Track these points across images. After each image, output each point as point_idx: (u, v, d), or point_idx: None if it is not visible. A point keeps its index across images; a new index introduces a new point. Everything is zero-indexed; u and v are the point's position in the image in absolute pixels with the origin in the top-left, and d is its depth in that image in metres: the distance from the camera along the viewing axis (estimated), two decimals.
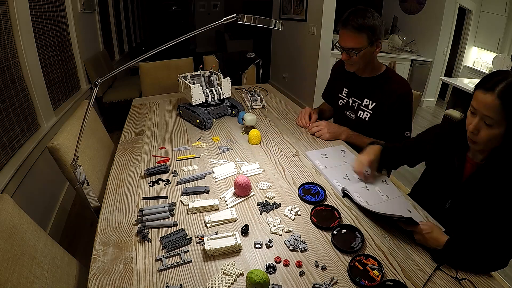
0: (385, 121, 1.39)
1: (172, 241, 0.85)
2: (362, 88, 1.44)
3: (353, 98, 1.48)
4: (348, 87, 1.51)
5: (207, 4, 8.69)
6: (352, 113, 1.48)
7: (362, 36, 1.25)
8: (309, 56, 3.73)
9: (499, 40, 3.99)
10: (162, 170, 1.17)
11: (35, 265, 0.79)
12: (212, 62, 2.67)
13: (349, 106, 1.50)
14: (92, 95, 0.95)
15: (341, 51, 1.33)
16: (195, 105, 1.60)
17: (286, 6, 4.15)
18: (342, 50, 1.32)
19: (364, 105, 1.43)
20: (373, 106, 1.40)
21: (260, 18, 1.03)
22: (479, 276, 0.77)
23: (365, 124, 1.43)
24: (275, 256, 0.80)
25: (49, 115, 2.11)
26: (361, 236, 0.87)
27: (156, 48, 0.96)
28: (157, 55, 1.10)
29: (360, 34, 1.25)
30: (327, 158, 1.27)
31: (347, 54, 1.31)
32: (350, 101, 1.49)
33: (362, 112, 1.44)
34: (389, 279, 0.75)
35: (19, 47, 1.79)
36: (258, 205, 1.00)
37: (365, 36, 1.26)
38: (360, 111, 1.45)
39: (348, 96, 1.51)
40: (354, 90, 1.48)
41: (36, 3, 2.10)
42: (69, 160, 1.03)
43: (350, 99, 1.49)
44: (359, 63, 1.34)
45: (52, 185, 2.03)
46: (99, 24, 3.70)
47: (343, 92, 1.53)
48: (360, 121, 1.45)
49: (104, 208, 0.99)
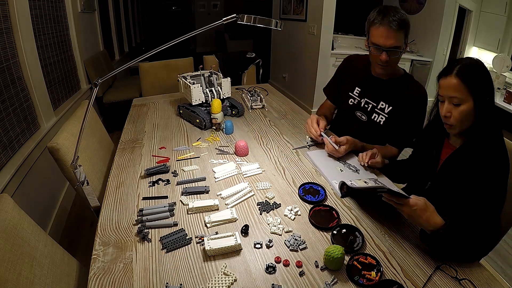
0: (399, 126, 1.34)
1: (172, 241, 0.85)
2: (379, 90, 1.36)
3: (366, 99, 1.40)
4: (362, 87, 1.42)
5: (207, 4, 8.69)
6: (364, 115, 1.41)
7: (402, 34, 1.18)
8: (309, 56, 3.73)
9: (499, 40, 3.98)
10: (162, 170, 1.17)
11: (35, 265, 0.79)
12: (212, 62, 2.67)
13: (361, 107, 1.42)
14: (92, 95, 0.95)
15: (378, 52, 1.22)
16: (195, 105, 1.60)
17: (286, 6, 4.15)
18: (381, 50, 1.21)
19: (380, 108, 1.36)
20: (389, 110, 1.34)
21: (260, 18, 1.03)
22: (479, 276, 0.77)
23: (379, 128, 1.38)
24: (275, 256, 0.80)
25: (49, 115, 2.11)
26: (361, 236, 0.87)
27: (156, 48, 0.96)
28: (157, 55, 1.10)
29: (401, 31, 1.18)
30: (328, 159, 1.27)
31: (388, 55, 1.21)
32: (362, 101, 1.41)
33: (377, 115, 1.38)
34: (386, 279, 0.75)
35: (19, 47, 1.79)
36: (258, 205, 1.00)
37: (403, 34, 1.19)
38: (375, 114, 1.38)
39: (360, 97, 1.42)
40: (369, 91, 1.40)
41: (36, 3, 2.10)
42: (69, 160, 1.03)
43: (362, 100, 1.41)
44: (395, 64, 1.26)
45: (52, 185, 2.03)
46: (99, 24, 3.70)
47: (355, 91, 1.44)
48: (373, 124, 1.39)
49: (104, 208, 0.99)
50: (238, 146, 1.28)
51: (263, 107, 1.84)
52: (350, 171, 1.19)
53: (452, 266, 0.79)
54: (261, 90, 2.13)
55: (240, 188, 1.07)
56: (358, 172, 1.19)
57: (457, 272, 0.77)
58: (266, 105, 1.86)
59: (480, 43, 4.34)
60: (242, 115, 1.73)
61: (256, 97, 1.89)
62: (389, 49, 1.20)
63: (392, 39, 1.18)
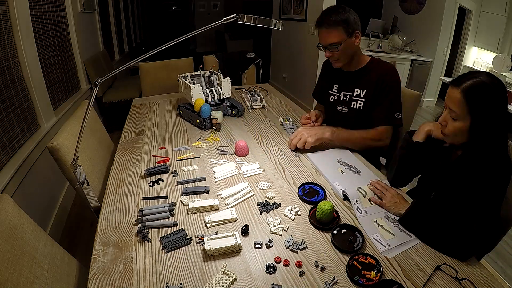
0: (378, 104, 1.39)
1: (172, 241, 0.85)
2: (351, 81, 1.46)
3: (343, 92, 1.50)
4: (338, 83, 1.53)
5: (207, 4, 8.68)
6: (344, 107, 1.50)
7: (338, 30, 1.29)
8: (309, 56, 3.73)
9: (499, 40, 3.99)
10: (162, 170, 1.17)
11: (35, 265, 0.79)
12: (212, 62, 2.67)
13: (341, 100, 1.51)
14: (92, 95, 0.95)
15: (324, 51, 1.37)
16: None
17: (286, 6, 4.15)
18: (324, 49, 1.36)
19: (356, 95, 1.45)
20: (365, 93, 1.42)
21: (260, 18, 1.03)
22: (479, 276, 0.77)
23: (360, 113, 1.44)
24: (275, 256, 0.80)
25: (49, 115, 2.11)
26: (361, 236, 0.87)
27: (156, 48, 0.96)
28: (157, 55, 1.10)
29: (336, 29, 1.29)
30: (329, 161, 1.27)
31: (329, 51, 1.35)
32: (341, 95, 1.51)
33: (355, 102, 1.45)
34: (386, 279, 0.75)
35: (19, 47, 1.79)
36: (258, 205, 1.00)
37: (341, 29, 1.29)
38: (353, 102, 1.46)
39: (339, 91, 1.52)
40: (344, 85, 1.50)
41: (36, 3, 2.10)
42: (69, 160, 1.03)
43: (341, 94, 1.51)
44: (343, 57, 1.37)
45: (52, 185, 2.03)
46: (99, 24, 3.70)
47: (334, 88, 1.55)
48: (354, 111, 1.46)
49: (104, 208, 0.99)
50: (238, 146, 1.29)
51: (263, 107, 1.84)
52: (351, 173, 1.19)
53: (452, 266, 0.79)
54: (261, 90, 2.13)
55: (240, 188, 1.07)
56: (359, 173, 1.18)
57: (457, 272, 0.77)
58: (266, 105, 1.86)
59: (480, 43, 4.34)
60: (242, 115, 1.73)
61: (256, 97, 1.89)
62: (329, 46, 1.33)
63: (328, 37, 1.31)
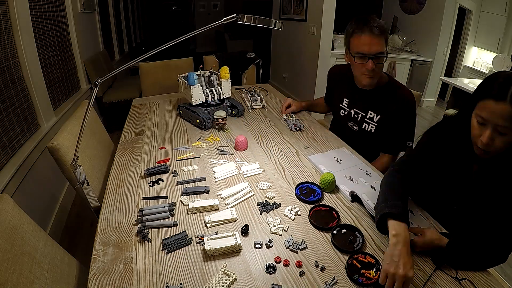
0: (390, 133, 1.34)
1: (172, 242, 0.85)
2: (365, 101, 1.37)
3: (355, 109, 1.42)
4: (349, 98, 1.44)
5: (207, 4, 8.68)
6: (355, 125, 1.43)
7: (383, 40, 1.19)
8: (309, 56, 3.73)
9: (499, 40, 3.98)
10: (162, 170, 1.17)
11: (35, 265, 0.79)
12: (212, 62, 2.67)
13: (351, 117, 1.44)
14: (92, 95, 0.95)
15: (364, 61, 1.20)
16: (195, 105, 1.60)
17: (286, 6, 4.15)
18: (367, 58, 1.19)
19: (369, 117, 1.37)
20: (378, 118, 1.35)
21: (260, 18, 1.03)
22: (479, 276, 0.77)
23: (370, 136, 1.39)
24: (275, 256, 0.80)
25: (49, 115, 2.11)
26: (361, 236, 0.87)
27: (156, 48, 0.96)
28: (157, 55, 1.10)
29: (382, 37, 1.18)
30: (330, 161, 1.26)
31: (374, 63, 1.19)
32: (352, 112, 1.43)
33: (367, 124, 1.39)
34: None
35: (19, 47, 1.79)
36: (258, 205, 1.00)
37: (384, 41, 1.19)
38: (365, 123, 1.39)
39: (349, 107, 1.45)
40: (356, 102, 1.42)
41: (36, 3, 2.10)
42: (69, 160, 1.03)
43: (352, 110, 1.43)
44: (380, 72, 1.24)
45: (52, 185, 2.03)
46: (99, 24, 3.70)
47: (344, 102, 1.47)
48: (364, 133, 1.40)
49: (104, 208, 0.99)
50: (237, 140, 1.33)
51: (263, 107, 1.84)
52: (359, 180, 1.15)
53: None
54: (261, 90, 2.13)
55: (240, 188, 1.07)
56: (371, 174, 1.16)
57: (457, 272, 0.77)
58: (266, 105, 1.86)
59: (480, 43, 4.34)
60: (242, 115, 1.73)
61: (256, 97, 1.89)
62: (375, 56, 1.19)
63: (376, 45, 1.18)
